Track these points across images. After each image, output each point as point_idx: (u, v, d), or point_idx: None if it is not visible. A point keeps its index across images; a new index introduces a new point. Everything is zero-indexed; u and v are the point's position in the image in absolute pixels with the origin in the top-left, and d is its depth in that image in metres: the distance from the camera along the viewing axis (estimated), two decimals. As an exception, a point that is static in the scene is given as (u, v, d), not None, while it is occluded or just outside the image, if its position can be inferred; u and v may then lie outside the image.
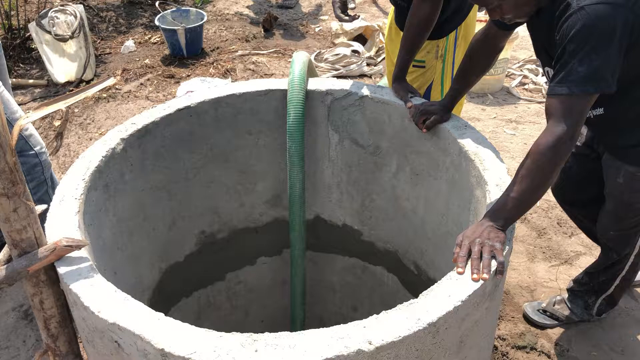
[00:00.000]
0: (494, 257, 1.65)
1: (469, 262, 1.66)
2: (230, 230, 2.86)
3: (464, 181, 2.19)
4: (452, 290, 1.58)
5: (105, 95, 4.76)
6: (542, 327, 2.81)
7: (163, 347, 1.43)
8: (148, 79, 4.98)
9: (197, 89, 4.61)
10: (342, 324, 1.50)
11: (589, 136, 2.57)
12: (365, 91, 2.51)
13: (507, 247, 1.71)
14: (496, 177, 1.99)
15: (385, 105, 2.48)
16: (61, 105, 1.55)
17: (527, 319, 2.88)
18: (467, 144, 2.16)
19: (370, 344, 1.44)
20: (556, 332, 2.67)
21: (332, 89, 2.55)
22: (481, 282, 1.60)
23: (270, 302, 3.17)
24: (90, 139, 4.28)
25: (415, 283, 2.78)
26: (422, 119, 2.30)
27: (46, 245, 1.69)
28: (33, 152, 2.91)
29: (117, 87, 4.80)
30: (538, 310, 2.91)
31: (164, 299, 2.68)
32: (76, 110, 4.57)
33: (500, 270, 1.64)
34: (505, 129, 3.99)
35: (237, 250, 2.93)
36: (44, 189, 2.95)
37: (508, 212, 1.73)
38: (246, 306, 3.13)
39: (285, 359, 1.40)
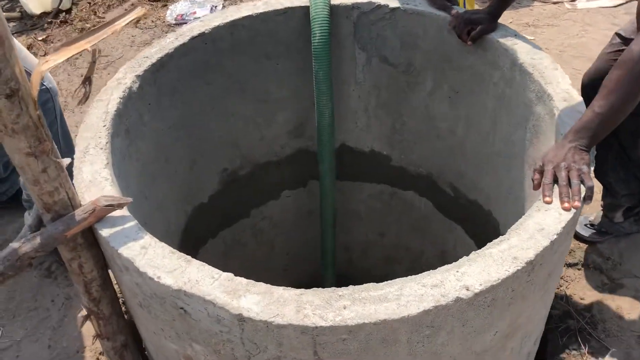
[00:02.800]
0: (582, 181, 1.50)
1: (555, 189, 1.51)
2: (252, 165, 2.67)
3: (519, 97, 2.01)
4: (543, 222, 1.44)
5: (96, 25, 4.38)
6: (592, 241, 2.73)
7: (240, 312, 1.28)
8: (132, 4, 4.57)
9: (187, 11, 4.25)
10: (430, 270, 1.36)
11: None
12: (396, 2, 2.26)
13: (592, 168, 1.57)
14: (562, 91, 1.81)
15: (420, 17, 2.24)
16: (84, 45, 1.31)
17: (576, 235, 2.78)
18: (521, 55, 1.97)
19: (467, 290, 1.31)
20: (606, 246, 2.60)
21: (359, 2, 2.29)
22: (573, 211, 1.46)
23: (296, 235, 3.04)
24: (81, 76, 3.95)
25: (452, 206, 2.66)
26: (466, 29, 2.08)
27: (83, 207, 1.49)
28: (43, 86, 2.53)
29: (99, 15, 4.40)
30: (586, 225, 2.81)
31: (191, 242, 2.53)
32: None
33: (590, 196, 1.50)
34: (523, 34, 3.74)
35: (260, 185, 2.75)
36: (54, 128, 2.66)
37: (594, 130, 1.56)
38: (272, 241, 3.00)
39: (378, 315, 1.26)
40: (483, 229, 2.49)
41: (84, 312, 1.82)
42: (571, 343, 2.21)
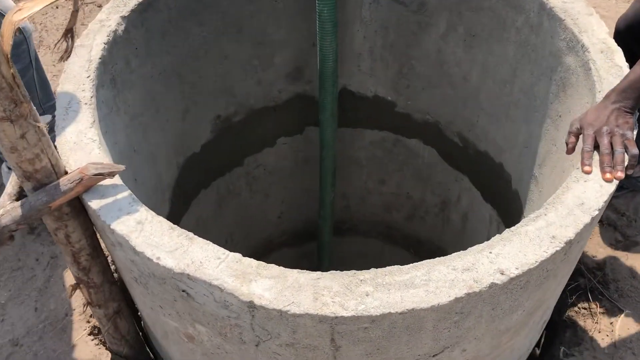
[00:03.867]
0: (625, 148, 1.36)
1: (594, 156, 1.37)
2: (247, 111, 2.49)
3: (545, 45, 1.83)
4: (583, 195, 1.31)
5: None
6: None
7: (252, 299, 1.15)
8: None
9: None
10: (460, 251, 1.23)
11: None
12: None
13: (635, 132, 1.42)
14: (598, 41, 1.64)
15: (436, -48, 2.02)
16: (63, -12, 1.10)
17: None
18: (551, -1, 1.78)
19: (502, 274, 1.19)
20: (622, 201, 2.48)
21: None
22: (615, 182, 1.33)
23: (292, 184, 2.90)
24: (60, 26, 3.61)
25: (459, 155, 2.52)
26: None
27: (69, 175, 1.32)
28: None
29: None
30: None
31: (183, 194, 2.38)
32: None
33: (633, 165, 1.36)
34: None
35: (255, 132, 2.58)
36: (29, 74, 2.42)
37: (641, 89, 1.40)
38: (266, 189, 2.86)
39: (405, 303, 1.14)
40: (493, 181, 2.37)
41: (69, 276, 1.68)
42: (581, 302, 2.14)
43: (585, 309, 2.12)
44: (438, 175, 2.70)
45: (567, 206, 1.29)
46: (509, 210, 2.29)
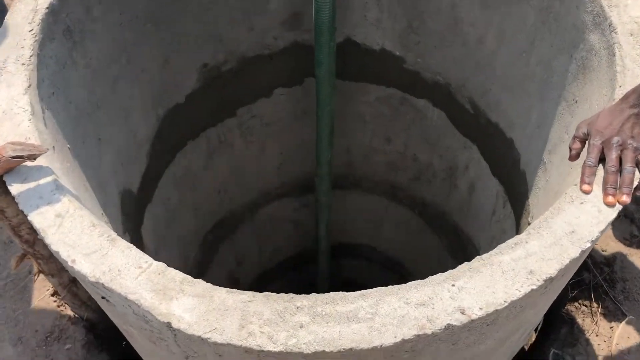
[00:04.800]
0: (637, 166, 1.13)
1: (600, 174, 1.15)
2: (238, 59, 2.27)
3: (569, 15, 1.55)
4: (576, 221, 1.10)
5: None
6: None
7: (169, 320, 1.01)
8: None
9: None
10: (418, 280, 1.05)
11: None
12: None
13: (652, 146, 1.18)
14: (629, 21, 1.37)
15: None
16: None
17: None
18: (582, -40, 1.48)
19: (463, 313, 1.01)
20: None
21: None
22: (618, 207, 1.11)
23: (289, 136, 2.71)
24: None
25: (469, 122, 2.28)
26: None
27: (-16, 155, 1.16)
28: None
29: None
30: None
31: (166, 147, 2.23)
32: None
33: (643, 186, 1.13)
34: None
35: (248, 82, 2.37)
36: None
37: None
38: (262, 141, 2.68)
39: (343, 342, 0.98)
40: (502, 156, 2.14)
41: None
42: (582, 298, 1.96)
43: (586, 306, 1.94)
44: (447, 139, 2.47)
45: (555, 233, 1.09)
46: (515, 191, 2.07)
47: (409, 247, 3.20)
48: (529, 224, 1.89)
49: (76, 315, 1.83)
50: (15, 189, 1.17)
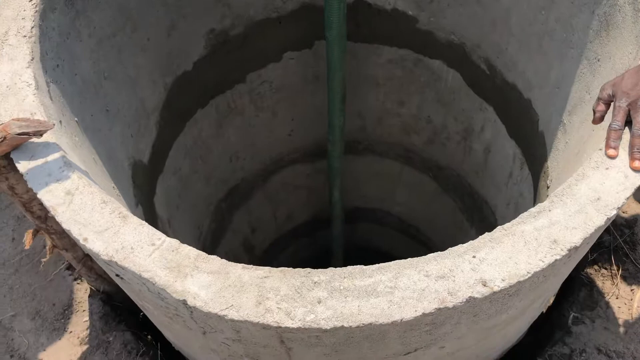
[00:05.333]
0: (665, 129, 1.08)
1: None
2: (246, 23, 2.21)
3: (592, -31, 1.48)
4: (601, 187, 1.06)
5: None
6: None
7: (184, 298, 0.99)
8: None
9: None
10: (438, 252, 1.03)
11: None
12: None
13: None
14: (656, -27, 1.29)
15: None
16: None
17: None
18: None
19: (484, 285, 0.98)
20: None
21: None
22: (645, 172, 1.07)
23: (301, 101, 2.66)
24: None
25: (485, 83, 2.22)
26: None
27: (-10, 133, 1.14)
28: None
29: None
30: None
31: (175, 116, 2.19)
32: None
33: (672, 149, 1.08)
34: None
35: (257, 47, 2.32)
36: None
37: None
38: (273, 107, 2.64)
39: (362, 317, 0.96)
40: (519, 117, 2.08)
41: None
42: (602, 260, 1.93)
43: (606, 269, 1.91)
44: (462, 101, 2.42)
45: (579, 201, 1.05)
46: (533, 153, 2.02)
47: (423, 211, 3.17)
48: (547, 186, 1.85)
49: (92, 288, 1.83)
50: (22, 166, 1.14)
